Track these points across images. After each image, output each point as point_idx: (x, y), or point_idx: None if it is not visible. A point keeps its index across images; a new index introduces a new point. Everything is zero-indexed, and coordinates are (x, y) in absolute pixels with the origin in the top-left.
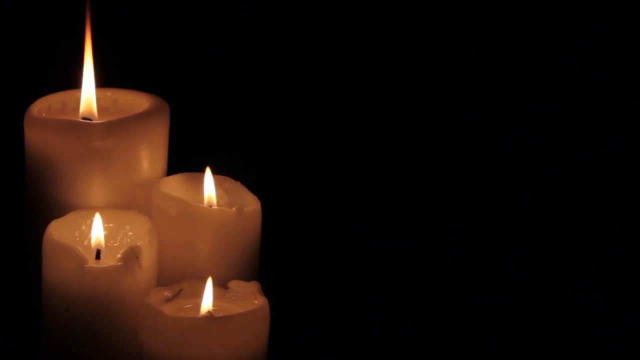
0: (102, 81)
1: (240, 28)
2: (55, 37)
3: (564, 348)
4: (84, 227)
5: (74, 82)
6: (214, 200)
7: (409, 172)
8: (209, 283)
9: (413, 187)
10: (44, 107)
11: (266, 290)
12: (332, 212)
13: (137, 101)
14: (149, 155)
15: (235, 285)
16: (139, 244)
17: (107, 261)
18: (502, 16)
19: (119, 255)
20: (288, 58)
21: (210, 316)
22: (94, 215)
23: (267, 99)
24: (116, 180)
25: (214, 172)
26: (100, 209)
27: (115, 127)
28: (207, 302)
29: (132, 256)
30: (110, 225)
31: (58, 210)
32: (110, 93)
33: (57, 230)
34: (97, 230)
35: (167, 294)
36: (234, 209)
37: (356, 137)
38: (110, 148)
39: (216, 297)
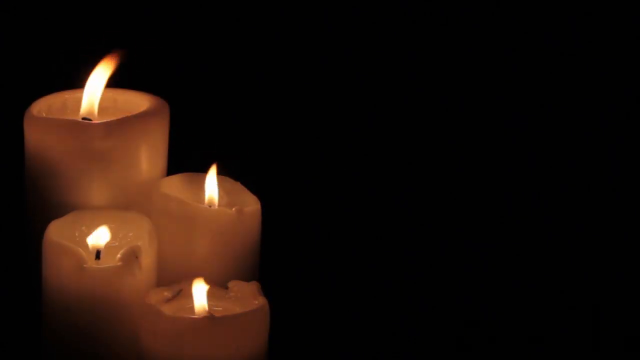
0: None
1: (241, 28)
2: (56, 37)
3: (563, 348)
4: (84, 227)
5: (75, 82)
6: (216, 200)
7: (410, 172)
8: (200, 284)
9: (414, 187)
10: (44, 107)
11: (266, 290)
12: (332, 212)
13: (137, 101)
14: (149, 155)
15: (235, 285)
16: (139, 244)
17: (107, 261)
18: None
19: (118, 256)
20: (288, 58)
21: (210, 316)
22: (94, 215)
23: (267, 99)
24: (116, 180)
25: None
26: (100, 209)
27: (115, 127)
28: (199, 303)
29: (132, 256)
30: (111, 225)
31: (58, 210)
32: (110, 93)
33: (57, 230)
34: (101, 234)
35: (167, 294)
36: (234, 209)
37: (356, 137)
38: (110, 148)
39: (216, 297)
